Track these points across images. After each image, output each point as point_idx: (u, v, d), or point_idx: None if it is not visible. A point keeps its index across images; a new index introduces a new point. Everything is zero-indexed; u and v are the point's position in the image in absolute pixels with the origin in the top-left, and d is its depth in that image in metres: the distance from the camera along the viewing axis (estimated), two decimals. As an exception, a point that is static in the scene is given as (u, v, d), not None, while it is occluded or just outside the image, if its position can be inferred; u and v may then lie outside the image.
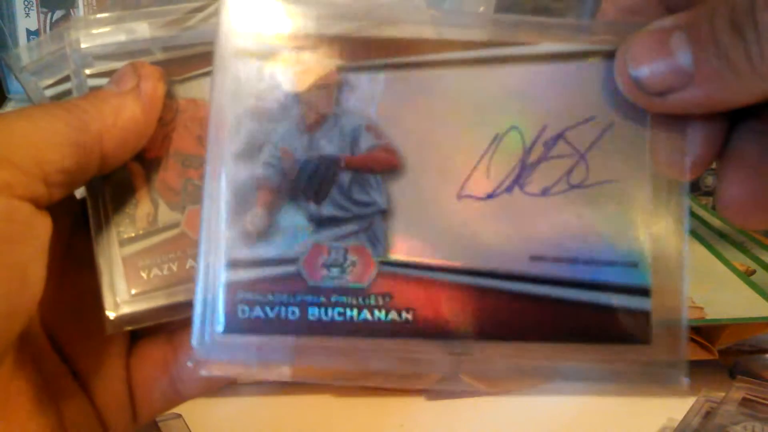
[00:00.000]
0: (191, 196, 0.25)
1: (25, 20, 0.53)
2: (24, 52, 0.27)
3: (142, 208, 0.25)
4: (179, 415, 0.39)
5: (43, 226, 0.21)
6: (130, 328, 0.24)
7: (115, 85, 0.24)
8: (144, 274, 0.24)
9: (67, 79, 0.27)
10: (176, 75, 0.26)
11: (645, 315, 0.20)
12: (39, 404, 0.23)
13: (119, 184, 0.25)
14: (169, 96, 0.25)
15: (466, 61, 0.21)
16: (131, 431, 0.26)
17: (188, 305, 0.21)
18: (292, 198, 0.21)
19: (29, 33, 0.54)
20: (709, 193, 0.68)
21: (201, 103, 0.26)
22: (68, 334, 0.25)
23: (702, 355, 0.45)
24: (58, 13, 0.54)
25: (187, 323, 0.21)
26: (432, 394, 0.44)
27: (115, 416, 0.26)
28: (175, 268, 0.24)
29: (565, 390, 0.44)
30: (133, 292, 0.24)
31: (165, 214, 0.25)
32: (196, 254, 0.21)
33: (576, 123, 0.21)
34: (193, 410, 0.39)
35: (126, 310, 0.24)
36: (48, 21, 0.54)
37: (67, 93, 0.26)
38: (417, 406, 0.43)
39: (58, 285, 0.24)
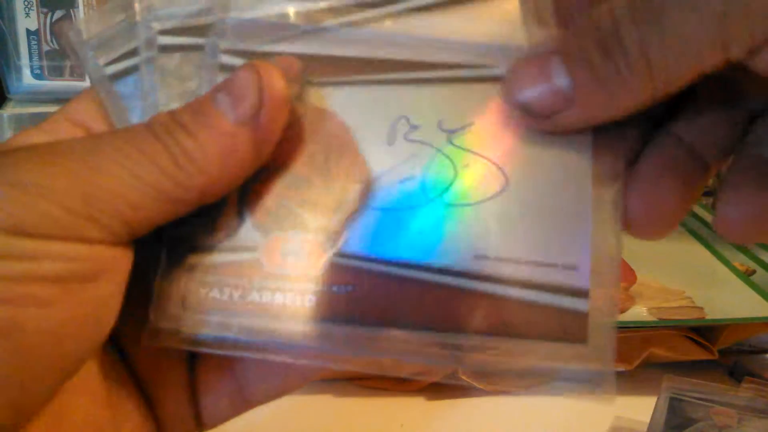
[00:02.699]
0: (280, 222, 0.22)
1: (25, 20, 0.53)
2: (83, 26, 0.23)
3: (225, 218, 0.22)
4: (179, 415, 0.39)
5: (123, 264, 0.20)
6: (163, 345, 0.22)
7: (230, 108, 0.19)
8: (203, 291, 0.21)
9: (129, 54, 0.23)
10: (316, 75, 0.22)
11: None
12: (98, 421, 0.22)
13: None
14: (298, 98, 0.22)
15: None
16: None
17: (235, 344, 0.21)
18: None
19: (29, 33, 0.54)
20: (709, 193, 0.68)
21: (331, 117, 0.22)
22: (129, 339, 0.24)
23: (702, 355, 0.46)
24: (58, 13, 0.54)
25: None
26: (432, 394, 0.44)
27: (177, 425, 0.24)
28: (236, 296, 0.21)
29: (566, 390, 0.44)
30: (186, 307, 0.22)
31: (247, 233, 0.22)
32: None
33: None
34: (193, 410, 0.39)
35: (172, 324, 0.21)
36: (48, 21, 0.54)
37: (132, 69, 0.23)
38: (417, 406, 0.43)
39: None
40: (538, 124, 0.21)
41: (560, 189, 0.22)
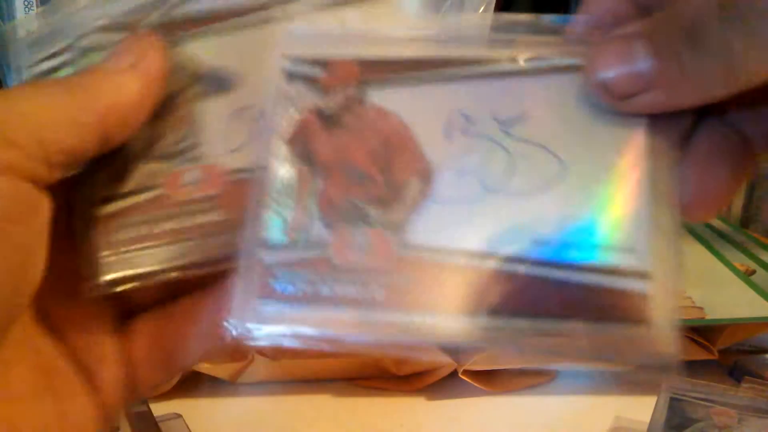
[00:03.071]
0: (346, 216, 0.23)
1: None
2: (21, 26, 0.25)
3: (298, 216, 0.23)
4: (179, 415, 0.39)
5: (44, 206, 0.21)
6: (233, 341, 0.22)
7: (114, 60, 0.23)
8: (275, 287, 0.22)
9: (62, 51, 0.25)
10: (375, 77, 0.24)
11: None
12: (38, 390, 0.23)
13: (286, 180, 0.23)
14: (359, 100, 0.23)
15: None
16: (131, 406, 0.26)
17: (305, 337, 0.21)
18: None
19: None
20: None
21: (390, 116, 0.23)
22: (64, 316, 0.25)
23: (702, 355, 0.46)
24: (58, 13, 0.54)
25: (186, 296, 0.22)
26: (432, 394, 0.44)
27: (116, 394, 0.25)
28: (306, 289, 0.22)
29: (567, 390, 0.44)
30: (259, 302, 0.22)
31: (316, 229, 0.23)
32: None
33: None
34: (193, 410, 0.39)
35: (243, 319, 0.22)
36: (48, 21, 0.54)
37: (64, 65, 0.25)
38: (417, 406, 0.43)
39: (53, 265, 0.23)
40: (615, 104, 0.22)
41: (616, 173, 0.22)
